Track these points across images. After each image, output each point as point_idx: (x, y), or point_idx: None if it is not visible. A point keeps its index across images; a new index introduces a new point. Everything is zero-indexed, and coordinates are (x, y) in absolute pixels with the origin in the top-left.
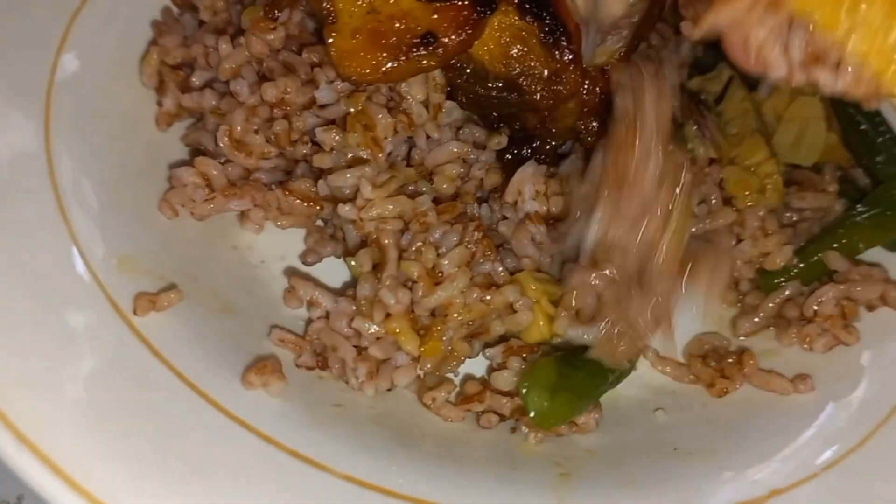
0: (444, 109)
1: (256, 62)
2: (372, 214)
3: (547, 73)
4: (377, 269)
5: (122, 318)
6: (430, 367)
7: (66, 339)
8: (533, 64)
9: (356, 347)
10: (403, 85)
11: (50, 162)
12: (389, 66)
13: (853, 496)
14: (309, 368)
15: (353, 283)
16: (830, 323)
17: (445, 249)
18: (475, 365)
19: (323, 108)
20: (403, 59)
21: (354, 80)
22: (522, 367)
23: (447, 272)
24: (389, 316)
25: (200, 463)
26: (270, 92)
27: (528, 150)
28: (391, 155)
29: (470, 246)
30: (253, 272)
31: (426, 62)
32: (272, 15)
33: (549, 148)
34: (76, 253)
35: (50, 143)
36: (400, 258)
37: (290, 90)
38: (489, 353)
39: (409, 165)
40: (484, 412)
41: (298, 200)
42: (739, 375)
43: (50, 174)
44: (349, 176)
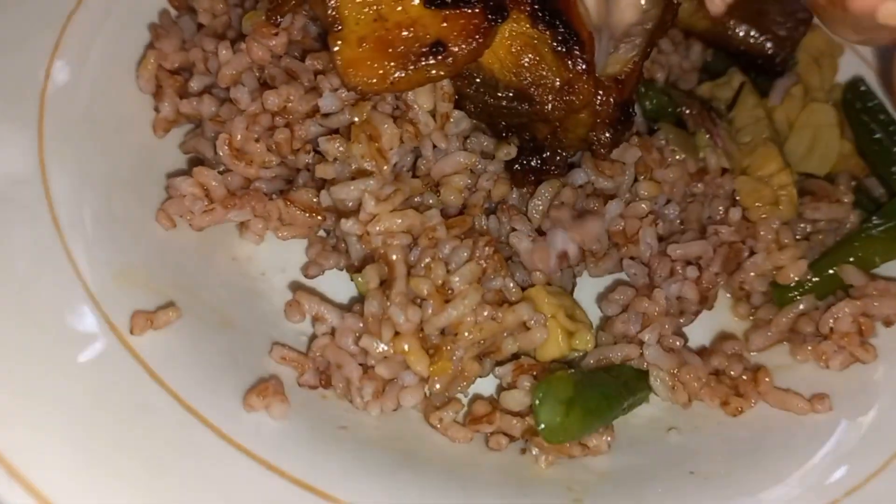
0: (451, 119)
1: (257, 69)
2: (379, 229)
3: (559, 82)
4: (385, 285)
5: (117, 336)
6: (438, 387)
7: (58, 360)
8: (545, 73)
9: (362, 366)
10: (410, 94)
11: (43, 171)
12: (397, 75)
13: None
14: (312, 387)
15: (358, 297)
16: (847, 340)
17: (455, 265)
18: (484, 383)
19: (326, 116)
20: (412, 68)
21: (361, 90)
22: (533, 385)
23: (458, 289)
24: (398, 334)
25: (199, 493)
26: (272, 100)
27: (537, 160)
28: (396, 165)
29: (481, 262)
30: (253, 284)
31: (435, 72)
32: (274, 20)
33: (559, 158)
34: (70, 267)
35: (43, 150)
36: (408, 274)
37: (292, 98)
38: (499, 371)
39: (414, 176)
40: (493, 433)
41: (300, 211)
42: (754, 393)
43: (43, 183)
44: (353, 188)
